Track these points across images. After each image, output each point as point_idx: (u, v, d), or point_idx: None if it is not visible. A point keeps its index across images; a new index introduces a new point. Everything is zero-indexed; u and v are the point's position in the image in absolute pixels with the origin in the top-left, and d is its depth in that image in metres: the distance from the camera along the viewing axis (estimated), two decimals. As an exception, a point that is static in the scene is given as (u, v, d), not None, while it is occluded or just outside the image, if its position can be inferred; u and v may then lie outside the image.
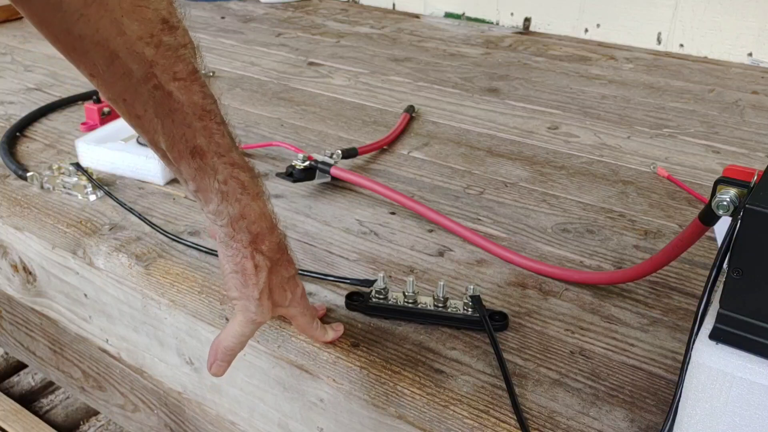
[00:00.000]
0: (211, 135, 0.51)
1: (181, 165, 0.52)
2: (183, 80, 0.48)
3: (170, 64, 0.47)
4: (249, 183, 0.54)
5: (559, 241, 0.84)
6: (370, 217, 0.89)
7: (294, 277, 0.60)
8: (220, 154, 0.52)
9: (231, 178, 0.53)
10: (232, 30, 1.81)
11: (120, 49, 0.44)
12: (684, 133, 1.17)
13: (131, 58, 0.45)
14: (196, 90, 0.50)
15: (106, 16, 0.43)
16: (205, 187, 0.53)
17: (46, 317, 0.97)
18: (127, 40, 0.44)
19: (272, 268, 0.57)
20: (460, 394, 0.60)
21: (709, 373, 0.45)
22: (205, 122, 0.51)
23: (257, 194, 0.55)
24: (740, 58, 1.58)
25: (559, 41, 1.75)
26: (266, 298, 0.57)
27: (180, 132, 0.50)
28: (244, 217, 0.54)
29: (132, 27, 0.44)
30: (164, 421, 0.90)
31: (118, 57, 0.45)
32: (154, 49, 0.46)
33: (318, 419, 0.69)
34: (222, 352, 0.59)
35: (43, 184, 0.94)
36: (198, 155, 0.51)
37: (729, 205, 0.48)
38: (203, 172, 0.52)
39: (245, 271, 0.56)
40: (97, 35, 0.44)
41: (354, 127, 1.18)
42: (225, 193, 0.53)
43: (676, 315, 0.71)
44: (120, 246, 0.82)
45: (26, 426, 1.21)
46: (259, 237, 0.56)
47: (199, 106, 0.50)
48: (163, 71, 0.47)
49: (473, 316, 0.68)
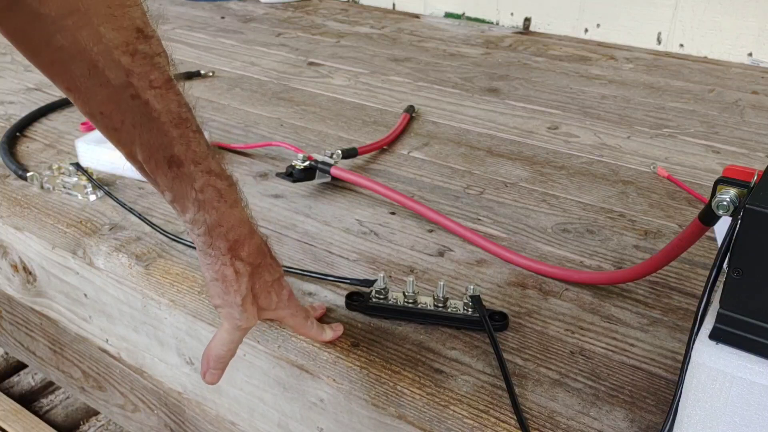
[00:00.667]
0: (188, 143, 0.52)
1: (158, 176, 0.52)
2: (159, 88, 0.49)
3: (146, 72, 0.48)
4: (226, 191, 0.54)
5: (559, 241, 0.84)
6: (370, 217, 0.89)
7: (279, 280, 0.60)
8: (196, 162, 0.52)
9: (208, 186, 0.53)
10: (232, 30, 1.81)
11: (98, 58, 0.45)
12: (684, 133, 1.17)
13: (109, 67, 0.46)
14: (173, 98, 0.50)
15: (85, 26, 0.44)
16: (181, 196, 0.53)
17: (46, 317, 0.97)
18: (105, 49, 0.45)
19: (253, 273, 0.57)
20: (460, 394, 0.60)
21: (709, 373, 0.45)
22: (181, 130, 0.51)
23: (234, 201, 0.55)
24: (740, 58, 1.58)
25: (559, 41, 1.75)
26: (250, 304, 0.57)
27: (157, 141, 0.50)
28: (221, 224, 0.54)
29: (109, 36, 0.45)
30: (164, 421, 0.90)
31: (96, 67, 0.46)
32: (130, 57, 0.47)
33: (318, 419, 0.69)
34: (213, 360, 0.60)
35: (43, 184, 0.94)
36: (175, 164, 0.51)
37: (729, 205, 0.48)
38: (180, 181, 0.52)
39: (225, 278, 0.56)
40: (75, 46, 0.44)
41: (354, 127, 1.18)
42: (202, 202, 0.53)
43: (676, 315, 0.71)
44: (120, 246, 0.82)
45: (26, 426, 1.21)
46: (238, 244, 0.56)
47: (176, 114, 0.50)
48: (139, 79, 0.47)
49: (473, 316, 0.68)
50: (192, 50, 1.61)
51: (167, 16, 1.93)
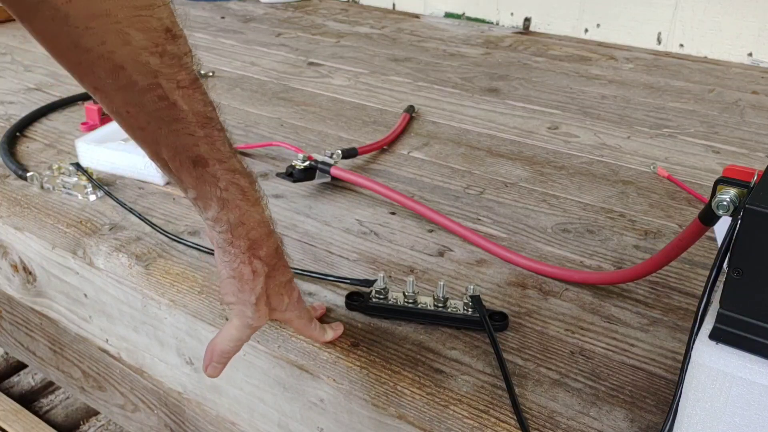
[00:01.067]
0: (213, 142, 0.51)
1: (182, 175, 0.52)
2: (186, 88, 0.48)
3: (174, 73, 0.47)
4: (248, 189, 0.55)
5: (559, 241, 0.84)
6: (370, 217, 0.89)
7: (290, 282, 0.60)
8: (221, 161, 0.52)
9: (231, 185, 0.53)
10: (232, 30, 1.81)
11: (125, 60, 0.44)
12: (684, 133, 1.17)
13: (136, 69, 0.45)
14: (198, 98, 0.49)
15: (112, 28, 0.43)
16: (205, 195, 0.53)
17: (46, 317, 0.97)
18: (133, 51, 0.44)
19: (269, 274, 0.57)
20: (460, 393, 0.60)
21: (709, 373, 0.45)
22: (207, 130, 0.51)
23: (256, 200, 0.55)
24: (740, 58, 1.58)
25: (559, 41, 1.75)
26: (263, 304, 0.57)
27: (183, 142, 0.50)
28: (243, 223, 0.54)
29: (137, 37, 0.44)
30: (164, 421, 0.90)
31: (123, 68, 0.45)
32: (159, 58, 0.46)
33: (318, 419, 0.69)
34: (218, 355, 0.59)
35: (43, 184, 0.94)
36: (200, 164, 0.51)
37: (729, 205, 0.48)
38: (204, 180, 0.52)
39: (243, 276, 0.56)
40: (102, 47, 0.43)
41: (354, 127, 1.18)
42: (225, 201, 0.53)
43: (676, 315, 0.71)
44: (120, 246, 0.82)
45: (26, 426, 1.21)
46: (257, 243, 0.56)
47: (202, 114, 0.50)
48: (167, 81, 0.47)
49: (473, 316, 0.68)
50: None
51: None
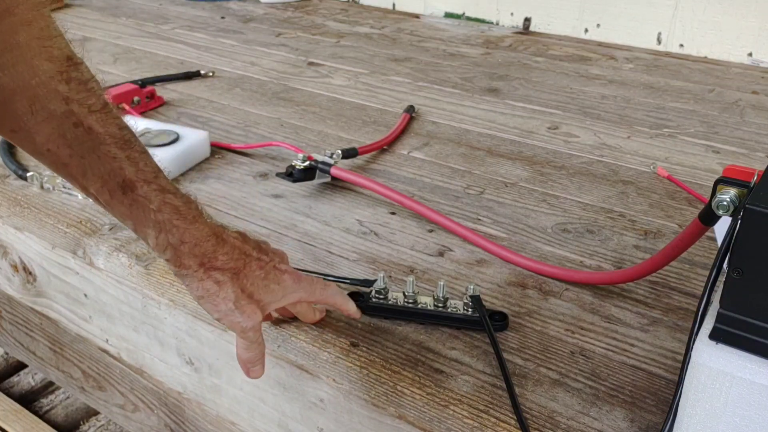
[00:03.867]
0: (136, 163, 0.52)
1: (115, 205, 0.53)
2: (98, 112, 0.50)
3: (84, 98, 0.49)
4: (182, 207, 0.55)
5: (559, 241, 0.84)
6: (370, 217, 0.89)
7: (275, 268, 0.60)
8: (147, 181, 0.53)
9: (164, 205, 0.54)
10: (232, 30, 1.81)
11: (37, 91, 0.47)
12: (684, 133, 1.17)
13: (48, 97, 0.47)
14: (112, 121, 0.51)
15: (21, 61, 0.46)
16: (141, 222, 0.54)
17: (46, 317, 0.97)
18: (42, 81, 0.47)
19: (236, 276, 0.57)
20: (460, 393, 0.60)
21: (709, 373, 0.45)
22: (127, 152, 0.52)
23: (194, 217, 0.56)
24: (740, 58, 1.58)
25: (559, 41, 1.75)
26: (246, 304, 0.57)
27: (107, 168, 0.51)
28: (183, 242, 0.55)
29: (44, 67, 0.47)
30: (164, 421, 0.90)
31: (37, 100, 0.47)
32: (66, 84, 0.48)
33: (318, 419, 0.69)
34: (247, 362, 0.61)
35: (43, 184, 0.94)
36: (129, 188, 0.52)
37: (729, 205, 0.48)
38: (136, 204, 0.53)
39: (209, 292, 0.56)
40: (13, 82, 0.46)
41: (354, 127, 1.18)
42: (162, 223, 0.54)
43: (676, 315, 0.71)
44: (120, 246, 0.82)
45: (26, 426, 1.21)
46: (208, 256, 0.56)
47: (119, 137, 0.51)
48: (79, 106, 0.49)
49: (473, 316, 0.68)
50: (192, 50, 1.61)
51: (167, 16, 1.93)
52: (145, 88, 1.22)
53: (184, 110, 1.22)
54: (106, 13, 1.93)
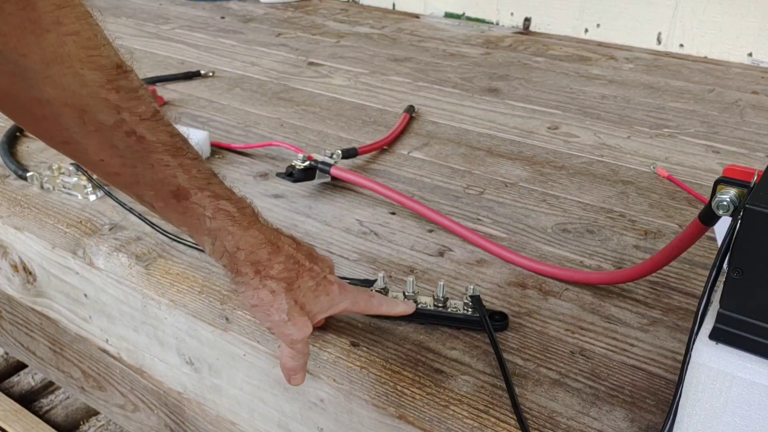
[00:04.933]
0: (189, 171, 0.52)
1: (169, 213, 0.53)
2: (148, 120, 0.49)
3: (134, 107, 0.48)
4: (237, 214, 0.54)
5: (559, 241, 0.84)
6: (370, 217, 0.89)
7: (325, 279, 0.60)
8: (201, 188, 0.52)
9: (218, 212, 0.53)
10: (232, 30, 1.81)
11: (87, 101, 0.46)
12: (684, 133, 1.17)
13: (99, 108, 0.46)
14: (163, 129, 0.50)
15: (68, 72, 0.44)
16: (197, 229, 0.53)
17: (46, 317, 0.97)
18: (91, 91, 0.46)
19: (291, 286, 0.57)
20: (460, 393, 0.60)
21: (709, 373, 0.45)
22: (179, 159, 0.51)
23: (249, 223, 0.55)
24: (740, 58, 1.58)
25: (559, 41, 1.75)
26: (298, 315, 0.57)
27: (159, 176, 0.50)
28: (240, 248, 0.54)
29: (92, 77, 0.45)
30: (164, 421, 0.90)
31: (86, 111, 0.46)
32: (116, 93, 0.47)
33: (318, 419, 0.69)
34: (290, 371, 0.61)
35: (43, 184, 0.94)
36: (182, 196, 0.52)
37: (729, 205, 0.48)
38: (190, 212, 0.52)
39: (263, 301, 0.56)
40: (63, 94, 0.45)
41: (354, 127, 1.18)
42: (216, 230, 0.53)
43: (676, 315, 0.71)
44: (120, 246, 0.82)
45: (26, 426, 1.21)
46: (263, 264, 0.55)
47: (171, 144, 0.51)
48: (130, 115, 0.48)
49: (473, 316, 0.68)
50: (192, 50, 1.61)
51: (167, 16, 1.93)
52: (145, 88, 1.22)
53: (184, 110, 1.22)
54: (106, 13, 1.93)
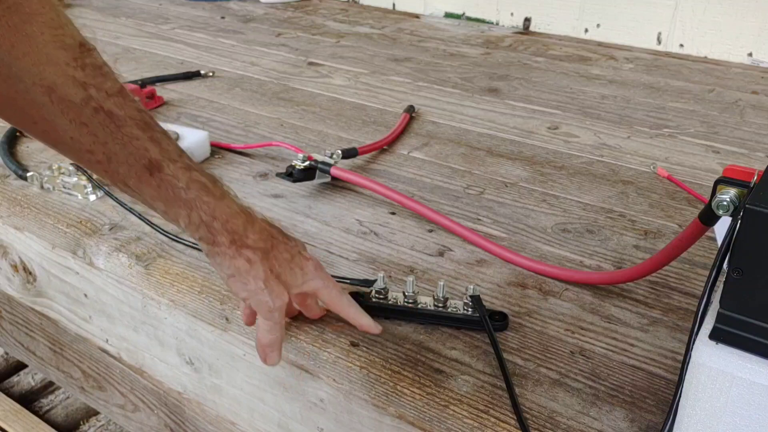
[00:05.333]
0: (159, 143, 0.53)
1: (142, 189, 0.53)
2: (116, 95, 0.51)
3: (100, 83, 0.50)
4: (210, 185, 0.55)
5: (559, 241, 0.84)
6: (370, 217, 0.89)
7: (299, 254, 0.61)
8: (173, 160, 0.53)
9: (192, 182, 0.54)
10: (232, 30, 1.81)
11: (56, 78, 0.47)
12: (684, 133, 1.17)
13: (67, 84, 0.48)
14: (131, 105, 0.52)
15: (35, 50, 0.46)
16: (171, 200, 0.54)
17: (46, 317, 0.97)
18: (59, 68, 0.47)
19: (266, 256, 0.57)
20: (460, 393, 0.60)
21: (709, 373, 0.45)
22: (149, 133, 0.52)
23: (222, 194, 0.56)
24: (740, 58, 1.58)
25: (559, 41, 1.75)
26: (275, 283, 0.58)
27: (130, 149, 0.51)
28: (215, 218, 0.55)
29: (58, 54, 0.47)
30: (164, 421, 0.90)
31: (54, 89, 0.48)
32: (82, 71, 0.49)
33: (318, 419, 0.69)
34: (266, 346, 0.61)
35: (43, 184, 0.94)
36: (155, 168, 0.52)
37: (729, 205, 0.48)
38: (164, 184, 0.53)
39: (240, 270, 0.56)
40: (31, 71, 0.47)
41: (354, 127, 1.18)
42: (192, 201, 0.54)
43: (676, 315, 0.71)
44: (120, 246, 0.82)
45: (26, 426, 1.21)
46: (239, 233, 0.56)
47: (139, 119, 0.52)
48: (97, 91, 0.49)
49: (473, 316, 0.68)
50: (192, 50, 1.61)
51: (167, 16, 1.93)
52: (145, 88, 1.22)
53: (184, 110, 1.22)
54: (106, 13, 1.93)
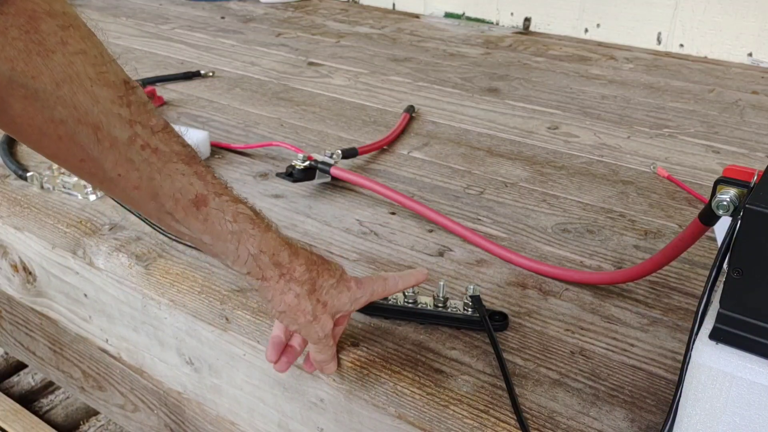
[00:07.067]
0: (204, 177, 0.52)
1: (190, 222, 0.52)
2: (161, 132, 0.50)
3: (146, 120, 0.49)
4: (255, 217, 0.55)
5: (559, 241, 0.84)
6: (370, 217, 0.89)
7: (341, 276, 0.60)
8: (218, 194, 0.53)
9: (238, 215, 0.53)
10: (232, 30, 1.81)
11: (100, 118, 0.46)
12: (684, 133, 1.17)
13: (112, 124, 0.47)
14: (175, 140, 0.51)
15: (79, 91, 0.45)
16: (218, 234, 0.53)
17: (46, 317, 0.97)
18: (104, 108, 0.47)
19: (313, 287, 0.57)
20: (460, 393, 0.60)
21: (709, 373, 0.45)
22: (194, 167, 0.52)
23: (267, 226, 0.56)
24: (740, 58, 1.58)
25: (559, 41, 1.75)
26: (322, 314, 0.58)
27: (177, 185, 0.51)
28: (263, 251, 0.54)
29: (103, 93, 0.46)
30: (164, 421, 0.90)
31: (100, 128, 0.47)
32: (128, 108, 0.48)
33: (318, 419, 0.69)
34: (321, 363, 0.63)
35: (43, 184, 0.94)
36: (201, 203, 0.52)
37: (729, 205, 0.48)
38: (211, 219, 0.53)
39: (290, 306, 0.56)
40: (76, 112, 0.45)
41: (354, 127, 1.18)
42: (238, 234, 0.53)
43: (676, 315, 0.71)
44: (120, 246, 0.82)
45: (26, 426, 1.21)
46: (285, 266, 0.56)
47: (184, 154, 0.52)
48: (142, 128, 0.49)
49: (473, 316, 0.68)
50: (192, 50, 1.61)
51: (167, 16, 1.93)
52: (145, 88, 1.22)
53: (184, 110, 1.22)
54: (106, 13, 1.93)
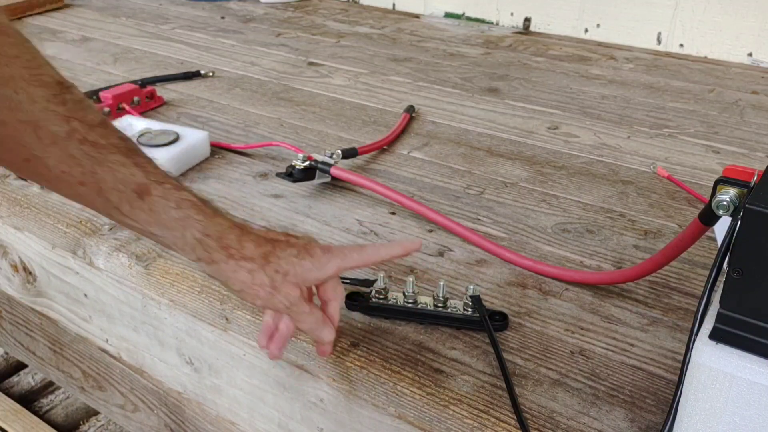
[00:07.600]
0: (145, 167, 0.54)
1: (136, 214, 0.54)
2: (99, 126, 0.52)
3: (82, 116, 0.51)
4: (200, 203, 0.56)
5: (559, 241, 0.84)
6: (370, 217, 0.89)
7: (305, 246, 0.59)
8: (160, 182, 0.54)
9: (182, 201, 0.55)
10: (232, 30, 1.81)
11: (39, 116, 0.49)
12: (684, 133, 1.17)
13: (50, 120, 0.50)
14: (114, 134, 0.53)
15: (19, 90, 0.49)
16: (164, 223, 0.54)
17: (46, 317, 0.97)
18: (41, 106, 0.50)
19: (266, 261, 0.57)
20: (460, 393, 0.60)
21: (709, 373, 0.45)
22: (134, 159, 0.54)
23: (214, 213, 0.57)
24: (740, 58, 1.58)
25: (559, 41, 1.75)
26: (282, 283, 0.57)
27: (119, 176, 0.52)
28: (208, 235, 0.55)
29: (39, 93, 0.50)
30: (164, 421, 0.90)
31: (39, 124, 0.49)
32: (63, 106, 0.51)
33: (318, 419, 0.69)
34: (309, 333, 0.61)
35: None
36: (144, 192, 0.53)
37: (729, 205, 0.48)
38: (156, 207, 0.54)
39: (245, 282, 0.56)
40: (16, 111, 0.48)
41: (354, 127, 1.18)
42: (183, 220, 0.54)
43: (676, 315, 0.71)
44: (120, 246, 0.82)
45: (26, 426, 1.21)
46: (233, 247, 0.56)
47: (123, 147, 0.53)
48: (80, 123, 0.51)
49: (473, 316, 0.68)
50: (192, 50, 1.61)
51: (167, 16, 1.93)
52: (145, 88, 1.22)
53: (184, 110, 1.22)
54: (106, 13, 1.93)
